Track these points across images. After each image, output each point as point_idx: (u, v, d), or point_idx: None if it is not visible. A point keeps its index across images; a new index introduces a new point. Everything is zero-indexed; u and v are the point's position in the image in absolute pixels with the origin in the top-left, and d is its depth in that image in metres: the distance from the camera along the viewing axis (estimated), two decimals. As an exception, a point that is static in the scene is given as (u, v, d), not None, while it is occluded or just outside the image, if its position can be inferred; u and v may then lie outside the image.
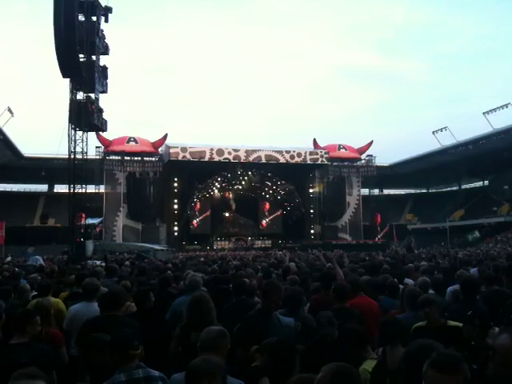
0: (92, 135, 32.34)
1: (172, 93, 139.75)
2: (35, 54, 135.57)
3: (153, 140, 48.22)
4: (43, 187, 59.69)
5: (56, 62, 23.29)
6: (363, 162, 54.44)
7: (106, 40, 27.08)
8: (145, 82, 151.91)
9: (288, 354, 2.97)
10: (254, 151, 47.26)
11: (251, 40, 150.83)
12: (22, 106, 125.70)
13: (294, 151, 48.45)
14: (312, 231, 50.88)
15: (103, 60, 27.18)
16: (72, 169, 25.81)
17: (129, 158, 47.37)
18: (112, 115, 32.18)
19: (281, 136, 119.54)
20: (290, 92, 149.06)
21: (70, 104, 25.35)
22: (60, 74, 24.09)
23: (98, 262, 18.19)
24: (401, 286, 5.95)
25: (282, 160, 47.92)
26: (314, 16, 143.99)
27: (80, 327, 4.58)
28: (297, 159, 48.30)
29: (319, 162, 49.33)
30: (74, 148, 25.69)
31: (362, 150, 53.89)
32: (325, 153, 49.63)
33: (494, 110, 48.16)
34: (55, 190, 57.79)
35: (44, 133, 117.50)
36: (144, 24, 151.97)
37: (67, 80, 25.20)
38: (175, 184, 47.14)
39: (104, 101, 27.71)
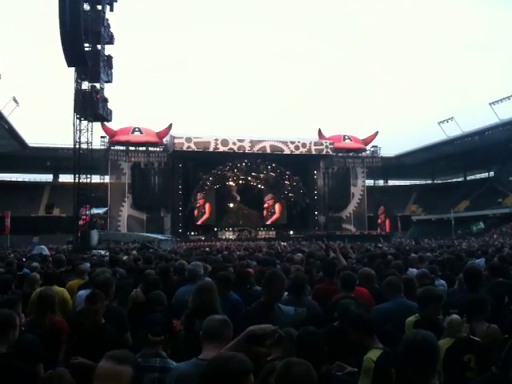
0: (97, 125, 32.41)
1: (175, 90, 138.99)
2: (41, 43, 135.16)
3: (158, 130, 48.21)
4: (48, 177, 59.89)
5: (61, 51, 23.27)
6: (368, 152, 54.24)
7: (110, 29, 27.01)
8: (148, 79, 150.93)
9: (314, 345, 2.89)
10: (259, 142, 47.20)
11: (255, 32, 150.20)
12: (27, 95, 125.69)
13: (298, 141, 48.39)
14: (316, 222, 50.84)
15: (108, 49, 27.18)
16: (77, 159, 25.87)
17: (134, 148, 47.48)
18: (117, 105, 32.17)
19: (285, 127, 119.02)
20: (294, 84, 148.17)
21: (75, 93, 25.36)
22: (65, 64, 24.07)
23: (103, 252, 18.28)
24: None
25: (286, 150, 47.85)
26: (317, 8, 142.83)
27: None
28: (302, 150, 48.24)
29: (324, 152, 49.24)
30: (79, 138, 25.74)
31: (367, 141, 53.71)
32: (330, 143, 49.53)
33: (501, 100, 47.63)
34: (60, 180, 58.03)
35: (49, 123, 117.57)
36: (148, 20, 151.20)
37: (72, 69, 25.21)
38: (180, 174, 47.18)
39: (109, 91, 27.73)
